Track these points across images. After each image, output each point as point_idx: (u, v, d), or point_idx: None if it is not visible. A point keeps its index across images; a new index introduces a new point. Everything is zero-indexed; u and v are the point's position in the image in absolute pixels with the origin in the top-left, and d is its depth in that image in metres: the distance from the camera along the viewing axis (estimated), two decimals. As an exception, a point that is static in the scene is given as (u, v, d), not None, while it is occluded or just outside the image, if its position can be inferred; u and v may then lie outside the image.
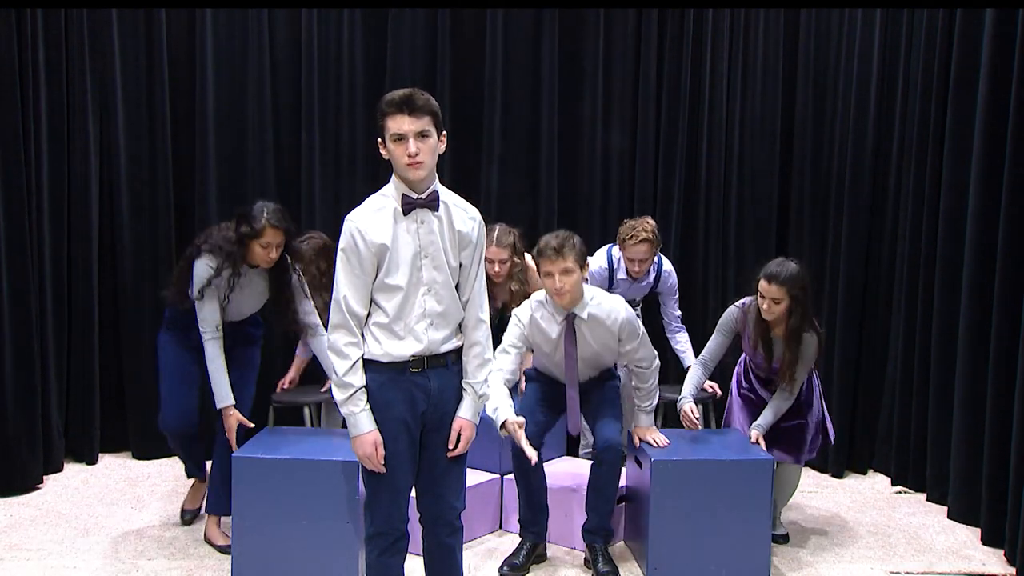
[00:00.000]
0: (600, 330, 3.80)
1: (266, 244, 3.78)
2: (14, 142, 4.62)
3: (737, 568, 3.68)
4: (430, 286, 2.80)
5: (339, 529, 3.53)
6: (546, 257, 3.68)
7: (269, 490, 3.55)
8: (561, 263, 3.65)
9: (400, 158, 2.75)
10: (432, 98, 2.77)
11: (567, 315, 3.78)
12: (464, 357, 2.92)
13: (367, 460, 2.79)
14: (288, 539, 3.54)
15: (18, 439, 4.65)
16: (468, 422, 2.90)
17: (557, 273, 3.66)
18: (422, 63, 5.29)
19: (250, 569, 3.57)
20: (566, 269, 3.66)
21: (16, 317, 4.65)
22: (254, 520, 3.56)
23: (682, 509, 3.67)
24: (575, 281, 3.70)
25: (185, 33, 5.24)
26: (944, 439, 4.60)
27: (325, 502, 3.52)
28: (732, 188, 5.28)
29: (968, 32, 4.46)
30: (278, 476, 3.54)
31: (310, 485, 3.52)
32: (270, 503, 3.55)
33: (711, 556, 3.68)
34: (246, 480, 3.57)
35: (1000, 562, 4.02)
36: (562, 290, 3.69)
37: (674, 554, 3.68)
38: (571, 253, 3.66)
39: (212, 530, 4.07)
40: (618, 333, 3.80)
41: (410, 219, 2.80)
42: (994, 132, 4.24)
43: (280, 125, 5.33)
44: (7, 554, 3.93)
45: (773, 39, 5.26)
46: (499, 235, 4.44)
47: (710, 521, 3.66)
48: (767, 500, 3.70)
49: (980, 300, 4.33)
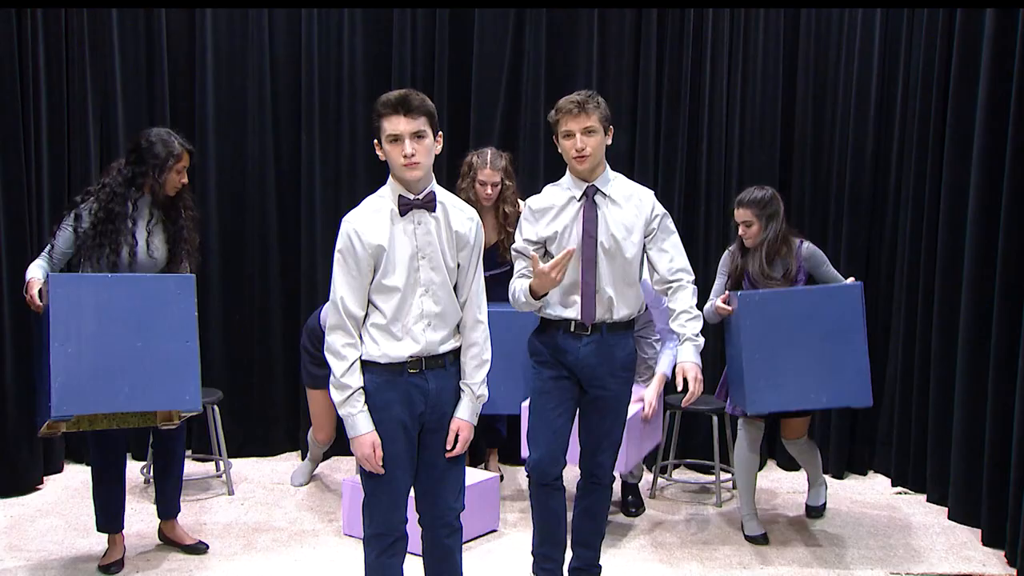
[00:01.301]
0: (625, 213, 3.28)
1: (181, 169, 3.70)
2: (14, 142, 4.62)
3: (837, 392, 3.74)
4: (427, 287, 2.81)
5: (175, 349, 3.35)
6: (566, 113, 3.21)
7: (89, 307, 3.31)
8: (584, 120, 3.20)
9: (396, 159, 2.76)
10: (428, 98, 2.78)
11: (586, 188, 3.28)
12: (462, 358, 2.92)
13: (365, 461, 2.79)
14: (119, 360, 3.32)
15: (18, 440, 4.65)
16: (466, 423, 2.91)
17: (579, 132, 3.20)
18: (422, 63, 5.28)
19: (72, 396, 3.27)
20: (589, 128, 3.21)
21: (16, 318, 4.64)
22: (74, 341, 3.27)
23: (772, 340, 3.70)
24: (598, 143, 3.23)
25: (185, 33, 5.23)
26: (944, 440, 4.60)
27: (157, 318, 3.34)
28: (732, 188, 5.27)
29: (968, 32, 4.45)
30: (97, 292, 3.34)
31: (141, 303, 3.36)
32: (93, 321, 3.30)
33: (809, 383, 3.71)
34: (65, 299, 3.28)
35: (1001, 563, 4.02)
36: (584, 152, 3.21)
37: (771, 385, 3.71)
38: (595, 111, 3.21)
39: (175, 532, 4.00)
40: (648, 221, 3.30)
41: (407, 220, 2.81)
42: (994, 132, 4.23)
43: (280, 125, 5.32)
44: (7, 555, 3.93)
45: (773, 39, 5.25)
46: (491, 157, 4.54)
47: (803, 350, 3.70)
48: (859, 324, 3.75)
49: (980, 300, 4.33)
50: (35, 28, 4.76)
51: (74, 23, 5.00)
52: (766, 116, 5.26)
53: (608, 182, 3.30)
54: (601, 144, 3.23)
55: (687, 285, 3.30)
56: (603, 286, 3.25)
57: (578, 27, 5.26)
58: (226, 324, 5.24)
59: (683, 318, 3.25)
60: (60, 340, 3.27)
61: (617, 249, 3.25)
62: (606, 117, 3.24)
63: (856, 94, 5.12)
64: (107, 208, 3.62)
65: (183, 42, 5.24)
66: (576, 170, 3.27)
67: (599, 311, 3.25)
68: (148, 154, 3.65)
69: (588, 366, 3.29)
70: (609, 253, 3.25)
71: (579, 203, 3.26)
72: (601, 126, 3.22)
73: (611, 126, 3.28)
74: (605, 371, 3.29)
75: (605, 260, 3.24)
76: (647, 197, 3.34)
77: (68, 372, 3.26)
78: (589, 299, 3.23)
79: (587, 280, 3.23)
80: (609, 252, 3.25)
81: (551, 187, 3.38)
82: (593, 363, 3.28)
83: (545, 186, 3.43)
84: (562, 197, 3.31)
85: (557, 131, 3.27)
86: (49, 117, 4.90)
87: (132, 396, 3.35)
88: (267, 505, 4.59)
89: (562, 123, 3.22)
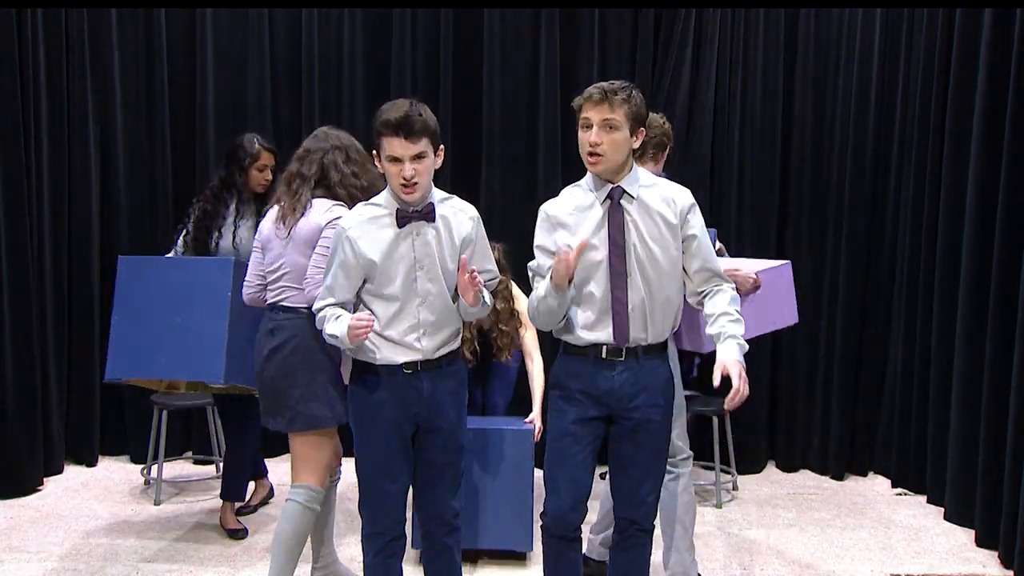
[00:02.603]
0: (656, 218, 2.81)
1: (262, 167, 4.06)
2: (14, 142, 4.62)
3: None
4: (424, 298, 2.82)
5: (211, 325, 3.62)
6: (588, 99, 2.75)
7: (147, 286, 3.75)
8: (605, 111, 2.72)
9: (396, 180, 2.75)
10: (430, 114, 2.75)
11: (611, 190, 2.80)
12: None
13: (358, 328, 2.72)
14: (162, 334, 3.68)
15: (18, 441, 4.65)
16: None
17: (596, 123, 2.73)
18: (423, 63, 5.28)
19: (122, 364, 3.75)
20: (610, 122, 2.72)
21: (16, 318, 4.64)
22: (131, 315, 3.75)
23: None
24: (618, 142, 2.74)
25: (185, 33, 5.23)
26: (944, 441, 4.60)
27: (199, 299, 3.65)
28: (732, 189, 5.27)
29: (968, 32, 4.45)
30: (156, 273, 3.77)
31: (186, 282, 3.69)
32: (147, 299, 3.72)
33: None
34: (128, 278, 3.78)
35: (997, 564, 4.02)
36: (597, 148, 2.74)
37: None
38: (623, 105, 2.73)
39: (226, 515, 4.19)
40: (683, 222, 2.84)
41: (405, 231, 2.80)
42: (993, 133, 4.23)
43: (280, 125, 5.32)
44: (7, 556, 3.93)
45: (773, 39, 5.25)
46: None
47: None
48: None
49: (978, 302, 4.33)
50: (35, 28, 4.76)
51: (74, 23, 5.00)
52: (766, 117, 5.26)
53: (636, 181, 2.82)
54: (623, 144, 2.75)
55: (726, 289, 2.87)
56: (635, 300, 2.79)
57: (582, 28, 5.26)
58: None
59: (723, 320, 2.80)
60: (120, 314, 3.78)
61: (651, 258, 2.79)
62: (635, 115, 2.75)
63: (856, 94, 5.12)
64: (203, 208, 4.07)
65: (183, 42, 5.24)
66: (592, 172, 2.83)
67: (633, 331, 2.80)
68: (232, 157, 4.09)
69: (625, 395, 2.82)
70: (642, 263, 2.79)
71: (603, 207, 2.79)
72: (627, 123, 2.73)
73: (642, 127, 2.80)
74: (644, 400, 2.83)
75: (638, 271, 2.79)
76: (680, 195, 2.87)
77: (120, 342, 3.76)
78: (622, 318, 2.79)
79: (618, 296, 2.78)
80: (642, 262, 2.79)
81: (571, 189, 2.92)
82: (630, 392, 2.82)
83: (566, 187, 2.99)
84: (583, 200, 2.82)
85: (578, 119, 2.80)
86: (49, 117, 4.90)
87: (167, 367, 3.72)
88: (267, 505, 4.59)
89: (583, 109, 2.76)
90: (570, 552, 2.89)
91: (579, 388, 2.83)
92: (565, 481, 2.83)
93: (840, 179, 5.20)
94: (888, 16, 5.06)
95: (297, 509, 3.19)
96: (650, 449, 2.87)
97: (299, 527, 3.19)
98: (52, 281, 4.97)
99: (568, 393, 2.85)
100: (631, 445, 2.85)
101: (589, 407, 2.83)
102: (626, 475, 2.88)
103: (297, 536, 3.19)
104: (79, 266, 5.13)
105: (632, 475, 2.87)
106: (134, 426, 5.26)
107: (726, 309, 2.81)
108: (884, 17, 5.06)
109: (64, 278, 5.07)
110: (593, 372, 2.82)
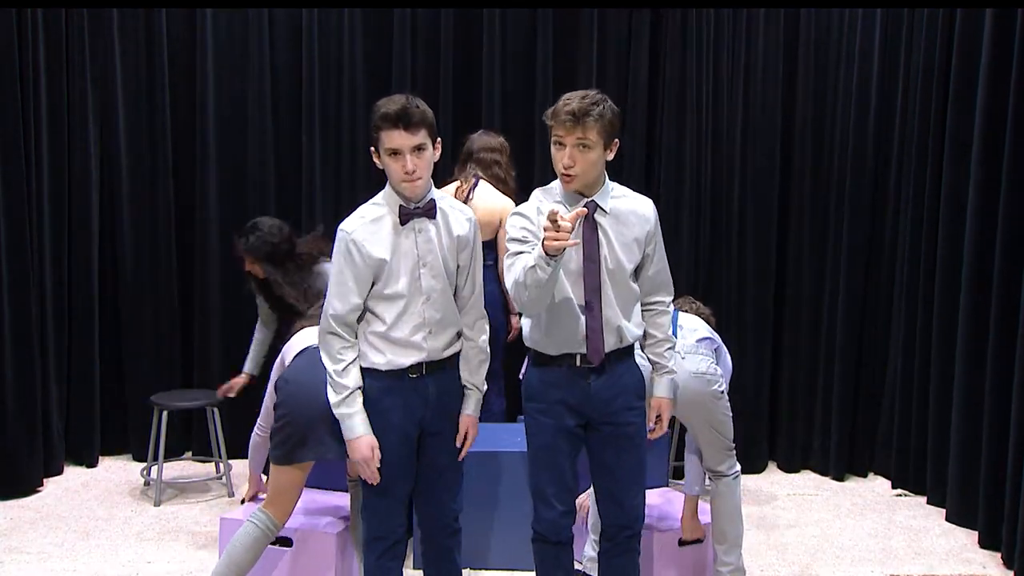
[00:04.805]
0: (629, 230, 2.82)
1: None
2: (14, 142, 4.61)
3: None
4: (429, 294, 2.81)
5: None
6: (559, 122, 2.69)
7: None
8: (577, 132, 2.68)
9: (397, 173, 2.74)
10: (427, 108, 2.75)
11: (585, 203, 2.76)
12: (464, 355, 2.92)
13: (364, 464, 2.78)
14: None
15: (18, 441, 4.64)
16: (473, 419, 2.93)
17: (569, 144, 2.69)
18: (423, 63, 5.28)
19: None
20: (583, 142, 2.69)
21: (16, 318, 4.64)
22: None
23: None
24: (592, 161, 2.72)
25: (185, 33, 5.23)
26: (945, 442, 4.59)
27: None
28: (732, 189, 5.27)
29: (968, 32, 4.45)
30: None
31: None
32: None
33: None
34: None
35: (999, 565, 4.02)
36: (570, 170, 2.71)
37: None
38: (596, 124, 2.67)
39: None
40: (645, 239, 2.85)
41: (408, 228, 2.80)
42: (994, 133, 4.23)
43: (280, 125, 5.31)
44: (7, 557, 3.92)
45: (773, 39, 5.24)
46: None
47: None
48: None
49: (978, 302, 4.33)
50: (35, 28, 4.76)
51: (74, 23, 4.99)
52: (766, 117, 5.26)
53: (608, 195, 2.82)
54: (597, 162, 2.74)
55: (668, 309, 2.98)
56: (610, 314, 2.79)
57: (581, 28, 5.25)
58: (226, 325, 5.23)
59: (664, 348, 2.96)
60: None
61: (621, 270, 2.81)
62: (608, 131, 2.71)
63: (856, 94, 5.11)
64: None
65: (183, 42, 5.23)
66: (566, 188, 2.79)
67: (608, 342, 2.80)
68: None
69: (601, 401, 2.84)
70: (614, 276, 2.79)
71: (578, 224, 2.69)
72: (600, 140, 2.70)
73: (616, 139, 2.77)
74: (621, 404, 2.85)
75: (610, 284, 2.79)
76: (648, 208, 2.90)
77: None
78: (597, 333, 2.76)
79: (593, 312, 2.75)
80: (614, 275, 2.79)
81: (540, 195, 2.86)
82: (606, 397, 2.83)
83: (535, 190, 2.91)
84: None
85: (550, 133, 2.77)
86: (49, 117, 4.90)
87: None
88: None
89: (554, 128, 2.73)
90: (562, 554, 2.94)
91: (556, 399, 2.84)
92: (555, 492, 2.86)
93: (840, 179, 5.19)
94: (888, 16, 5.06)
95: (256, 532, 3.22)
96: (632, 452, 2.89)
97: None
98: (52, 281, 4.97)
99: (545, 405, 2.85)
100: (613, 451, 2.88)
101: (567, 417, 2.84)
102: (613, 480, 2.90)
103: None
104: (79, 266, 5.12)
105: (619, 479, 2.89)
106: (134, 426, 5.26)
107: (668, 335, 2.96)
108: (884, 17, 5.05)
109: (64, 278, 5.06)
110: (568, 382, 2.83)
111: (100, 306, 5.20)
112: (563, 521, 2.88)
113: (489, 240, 4.45)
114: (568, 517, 2.89)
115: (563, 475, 2.86)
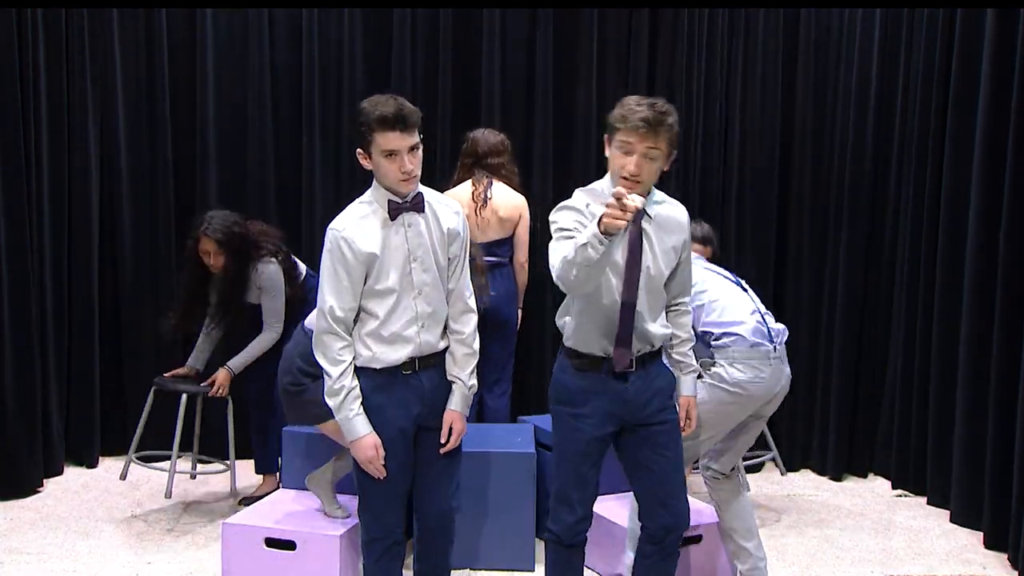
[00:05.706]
0: (669, 238, 2.83)
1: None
2: (14, 142, 4.61)
3: None
4: (420, 288, 2.82)
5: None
6: (631, 128, 2.65)
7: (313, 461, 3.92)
8: (650, 141, 2.65)
9: (393, 174, 2.75)
10: (415, 107, 2.76)
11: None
12: (451, 348, 2.92)
13: (368, 464, 2.78)
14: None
15: (18, 442, 4.64)
16: (459, 414, 2.91)
17: (639, 152, 2.66)
18: (423, 63, 5.27)
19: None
20: (653, 152, 2.67)
21: (16, 319, 4.64)
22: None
23: None
24: (655, 172, 2.72)
25: (185, 34, 5.22)
26: (945, 443, 4.59)
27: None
28: (732, 189, 5.27)
29: (968, 32, 4.45)
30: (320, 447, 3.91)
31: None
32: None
33: None
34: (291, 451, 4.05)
35: (1003, 566, 4.02)
36: (637, 178, 2.67)
37: None
38: (667, 134, 2.67)
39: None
40: (681, 246, 2.87)
41: (397, 224, 2.80)
42: (995, 133, 4.23)
43: (280, 125, 5.31)
44: (7, 557, 3.93)
45: (773, 39, 5.24)
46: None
47: None
48: None
49: (981, 302, 4.33)
50: (35, 28, 4.75)
51: (74, 23, 4.99)
52: (766, 118, 5.26)
53: (652, 201, 2.80)
54: (659, 171, 2.74)
55: (689, 309, 3.03)
56: (642, 321, 2.79)
57: (581, 28, 5.25)
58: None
59: (687, 346, 3.00)
60: None
61: (660, 277, 2.82)
62: (674, 142, 2.73)
63: (856, 94, 5.11)
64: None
65: (183, 42, 5.23)
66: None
67: (636, 345, 2.80)
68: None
69: (639, 404, 2.83)
70: (652, 282, 2.80)
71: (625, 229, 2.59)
72: (667, 151, 2.71)
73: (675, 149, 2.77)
74: (656, 405, 2.85)
75: (646, 290, 2.79)
76: (683, 215, 2.90)
77: None
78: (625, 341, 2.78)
79: (625, 319, 2.75)
80: (652, 281, 2.80)
81: (586, 196, 2.81)
82: (643, 400, 2.83)
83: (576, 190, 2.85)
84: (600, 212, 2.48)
85: (612, 136, 2.72)
86: (49, 117, 4.90)
87: None
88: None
89: (623, 134, 2.67)
90: (575, 557, 2.94)
91: (595, 405, 2.82)
92: (580, 498, 2.87)
93: (840, 179, 5.19)
94: (888, 16, 5.06)
95: None
96: (671, 448, 2.88)
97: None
98: (52, 281, 4.97)
99: (583, 411, 2.83)
100: (650, 450, 2.85)
101: (607, 424, 2.84)
102: (654, 479, 2.86)
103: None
104: (79, 266, 5.12)
105: (660, 478, 2.86)
106: (134, 427, 5.24)
107: (691, 334, 3.02)
108: (884, 17, 5.06)
109: (64, 278, 5.06)
110: (606, 387, 2.82)
111: (100, 306, 5.20)
112: (581, 526, 2.90)
113: (505, 237, 4.49)
114: (586, 522, 2.90)
115: (589, 482, 2.87)
